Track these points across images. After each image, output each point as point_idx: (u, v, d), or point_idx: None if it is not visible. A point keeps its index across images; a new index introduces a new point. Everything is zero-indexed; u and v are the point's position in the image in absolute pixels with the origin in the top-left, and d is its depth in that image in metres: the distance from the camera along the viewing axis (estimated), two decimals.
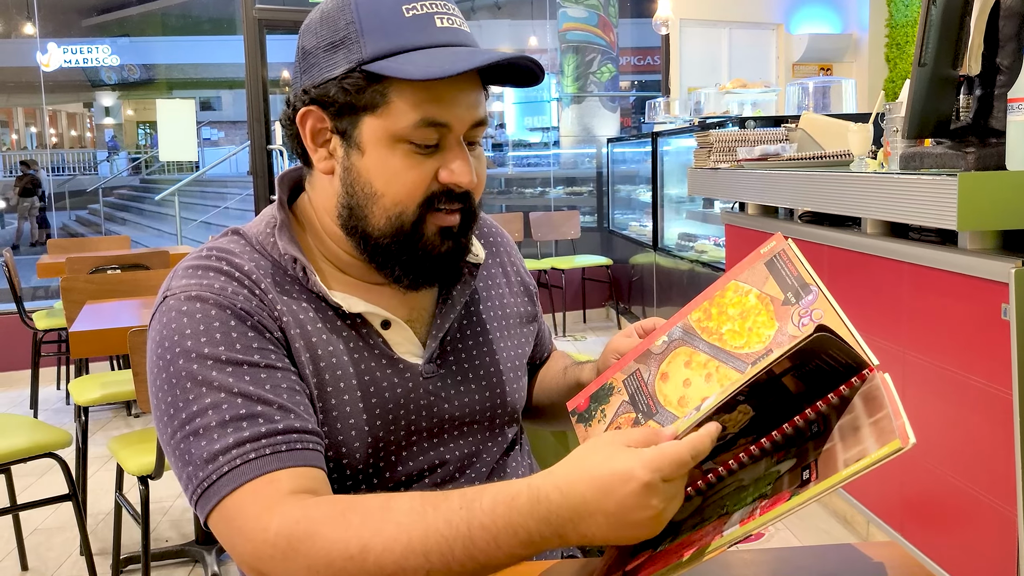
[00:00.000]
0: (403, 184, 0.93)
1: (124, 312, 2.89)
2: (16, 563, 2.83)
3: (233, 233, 1.02)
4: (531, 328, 1.20)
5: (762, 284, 0.90)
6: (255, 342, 0.90)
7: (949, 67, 2.04)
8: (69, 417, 4.48)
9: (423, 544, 0.76)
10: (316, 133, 0.97)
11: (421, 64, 0.89)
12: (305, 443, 0.87)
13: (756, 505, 0.73)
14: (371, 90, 0.91)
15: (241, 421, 0.84)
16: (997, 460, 1.95)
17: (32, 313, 4.56)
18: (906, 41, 6.64)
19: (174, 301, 0.91)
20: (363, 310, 0.99)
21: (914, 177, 2.08)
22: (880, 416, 0.71)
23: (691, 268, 4.93)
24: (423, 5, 0.92)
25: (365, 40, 0.91)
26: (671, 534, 0.80)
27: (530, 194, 7.96)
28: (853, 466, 0.67)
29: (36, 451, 2.36)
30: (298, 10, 6.23)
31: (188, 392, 0.86)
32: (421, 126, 0.91)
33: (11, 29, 7.90)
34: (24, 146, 16.31)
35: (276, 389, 0.88)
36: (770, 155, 3.22)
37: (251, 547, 0.80)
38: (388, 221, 0.95)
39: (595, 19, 7.82)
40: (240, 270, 0.95)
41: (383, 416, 0.98)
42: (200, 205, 12.59)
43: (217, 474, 0.83)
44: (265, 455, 0.83)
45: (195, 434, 0.84)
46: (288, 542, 0.78)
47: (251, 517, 0.80)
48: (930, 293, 2.19)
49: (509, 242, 1.24)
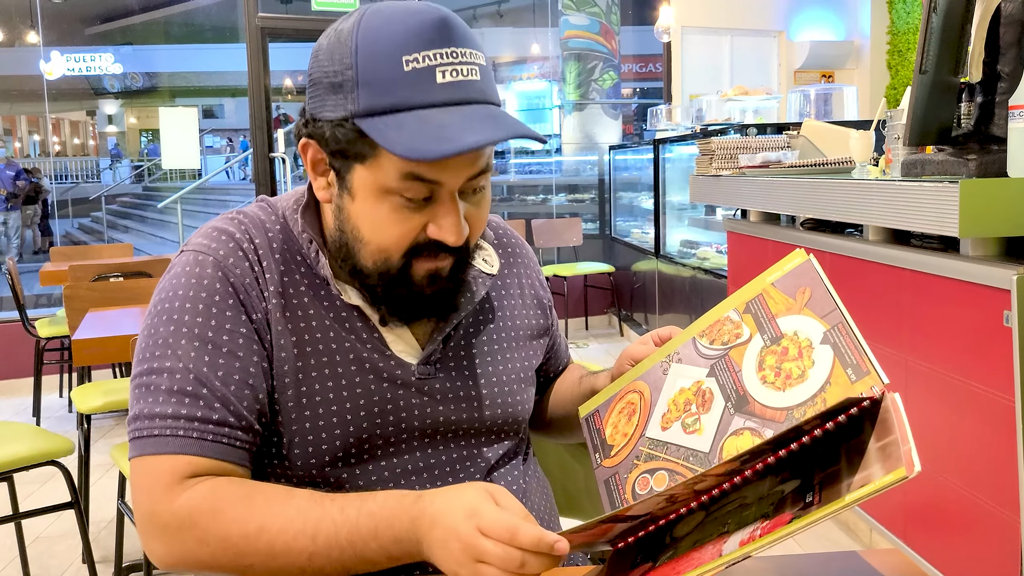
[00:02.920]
0: (388, 236, 0.93)
1: (127, 320, 2.90)
2: (18, 571, 2.82)
3: (263, 201, 1.06)
4: (541, 341, 1.19)
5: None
6: (229, 322, 0.95)
7: (950, 74, 2.05)
8: (71, 425, 4.48)
9: (315, 527, 0.85)
10: (316, 163, 0.97)
11: (408, 134, 0.85)
12: (232, 439, 0.92)
13: (757, 526, 0.72)
14: (361, 142, 0.89)
15: (184, 397, 0.91)
16: (1000, 467, 1.94)
17: (35, 321, 4.56)
18: (907, 48, 6.65)
19: (186, 256, 0.99)
20: (362, 303, 1.00)
21: (916, 184, 2.08)
22: (888, 441, 0.70)
23: (693, 275, 4.93)
24: (426, 56, 0.87)
25: (359, 92, 0.88)
26: (671, 549, 0.79)
27: (532, 201, 7.96)
28: (857, 492, 0.67)
29: (38, 459, 2.36)
30: (300, 18, 6.24)
31: (156, 348, 0.94)
32: (409, 180, 0.89)
33: (15, 38, 7.93)
34: (27, 154, 16.35)
35: (226, 378, 0.93)
36: (772, 162, 3.22)
37: (152, 509, 0.88)
38: (375, 265, 0.96)
39: (597, 27, 7.84)
40: (252, 241, 0.99)
41: (368, 407, 0.98)
42: (203, 213, 12.62)
43: (147, 432, 0.91)
44: (191, 437, 0.90)
45: (147, 387, 0.93)
46: (189, 515, 0.87)
47: (161, 486, 0.89)
48: (932, 300, 2.18)
49: (528, 254, 1.23)
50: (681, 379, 0.98)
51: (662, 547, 0.78)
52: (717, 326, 0.98)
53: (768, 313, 0.94)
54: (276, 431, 0.97)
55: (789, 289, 0.93)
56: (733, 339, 0.95)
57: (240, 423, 0.93)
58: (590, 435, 1.07)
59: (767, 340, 0.92)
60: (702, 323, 1.00)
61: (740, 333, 0.95)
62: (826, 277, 0.89)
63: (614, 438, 1.02)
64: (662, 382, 1.00)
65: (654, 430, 0.98)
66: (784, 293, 0.93)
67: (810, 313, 0.90)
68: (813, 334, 0.88)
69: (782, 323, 0.92)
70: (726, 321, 0.97)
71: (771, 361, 0.91)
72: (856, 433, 0.74)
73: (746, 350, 0.93)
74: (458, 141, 0.84)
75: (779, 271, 0.95)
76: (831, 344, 0.87)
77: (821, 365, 0.86)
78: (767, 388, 0.90)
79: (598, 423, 1.06)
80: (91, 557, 2.50)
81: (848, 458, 0.72)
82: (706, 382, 0.95)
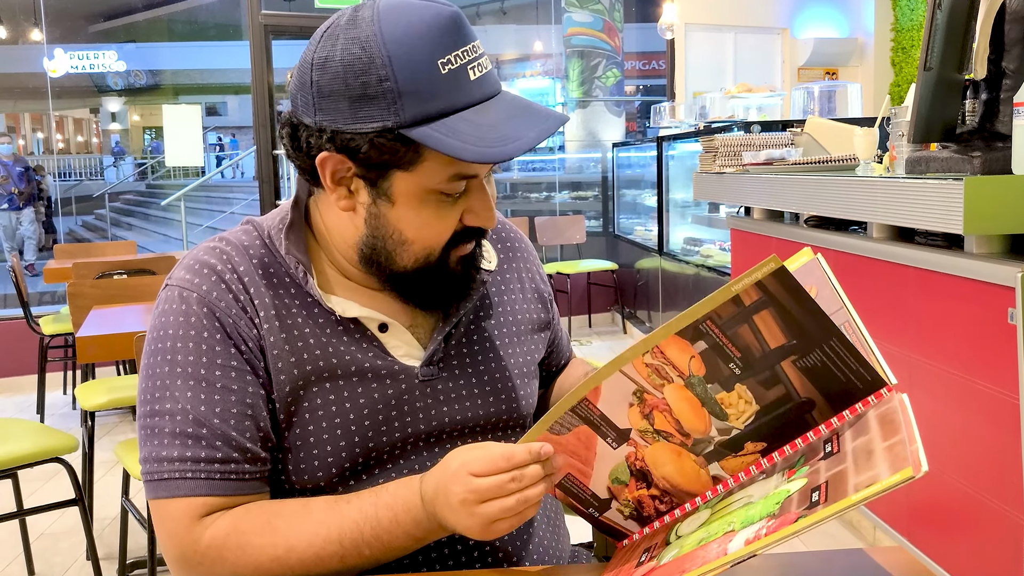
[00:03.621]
0: (434, 232, 0.95)
1: (130, 317, 2.90)
2: (23, 568, 2.83)
3: (248, 223, 1.06)
4: (543, 335, 1.19)
5: None
6: (220, 357, 0.95)
7: (955, 71, 2.04)
8: (75, 422, 4.49)
9: (339, 532, 0.90)
10: (336, 175, 0.94)
11: (464, 137, 0.87)
12: (240, 474, 0.94)
13: (763, 524, 0.72)
14: (404, 150, 0.89)
15: (187, 439, 0.93)
16: (1004, 465, 1.94)
17: (39, 318, 4.57)
18: (912, 45, 6.63)
19: (169, 293, 0.99)
20: (358, 314, 1.00)
21: (920, 181, 2.07)
22: (895, 441, 0.70)
23: (697, 272, 4.93)
24: (456, 57, 0.88)
25: (403, 103, 0.87)
26: (676, 547, 0.79)
27: (535, 199, 7.96)
28: (863, 491, 0.66)
29: (43, 456, 2.36)
30: (304, 16, 6.24)
31: (155, 390, 0.95)
32: (454, 180, 0.92)
33: (18, 35, 7.94)
34: (31, 151, 16.35)
35: (224, 414, 0.94)
36: (775, 159, 3.22)
37: (179, 551, 0.92)
38: (415, 262, 0.97)
39: (600, 24, 7.83)
40: (235, 271, 0.98)
41: (373, 417, 0.98)
42: (206, 210, 12.62)
43: (158, 475, 0.93)
44: (199, 479, 0.92)
45: (152, 429, 0.94)
46: (219, 553, 0.91)
47: (182, 528, 0.92)
48: (936, 297, 2.18)
49: (527, 247, 1.23)
50: None
51: (666, 545, 0.77)
52: None
53: None
54: (284, 449, 0.98)
55: None
56: None
57: (245, 456, 0.94)
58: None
59: None
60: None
61: None
62: (833, 275, 0.89)
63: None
64: None
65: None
66: None
67: None
68: None
69: None
70: None
71: None
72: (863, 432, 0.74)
73: None
74: (521, 139, 0.88)
75: None
76: None
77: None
78: None
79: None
80: (95, 554, 2.51)
81: (855, 458, 0.72)
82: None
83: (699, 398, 0.82)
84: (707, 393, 0.82)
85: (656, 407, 0.84)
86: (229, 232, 1.04)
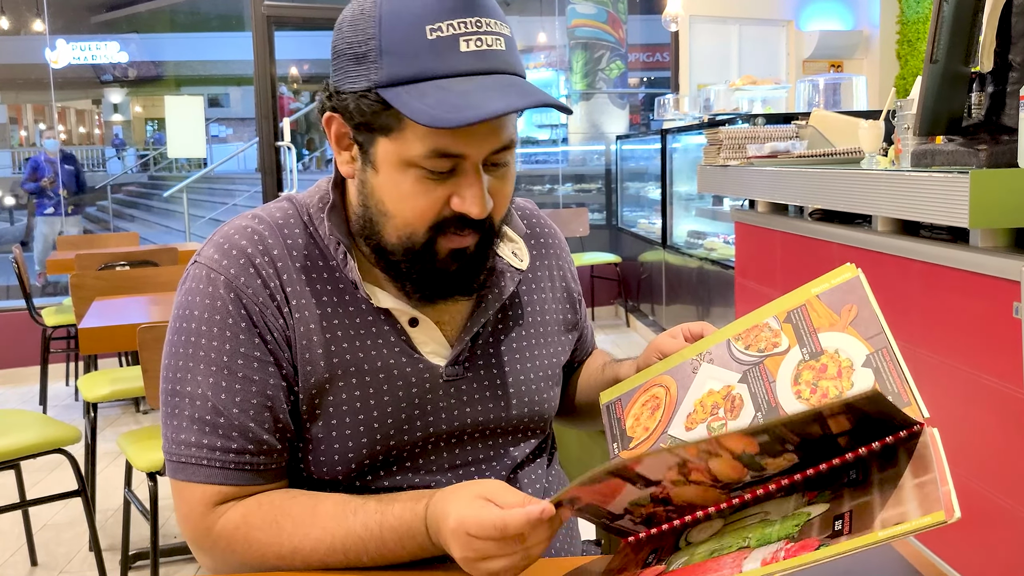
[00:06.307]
0: (412, 208, 0.92)
1: (133, 308, 2.90)
2: (25, 559, 2.84)
3: (286, 199, 1.03)
4: (570, 336, 1.17)
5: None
6: (244, 346, 0.94)
7: (961, 64, 2.03)
8: (78, 413, 4.50)
9: (343, 544, 0.90)
10: (339, 137, 0.95)
11: (431, 103, 0.84)
12: (254, 465, 0.95)
13: (781, 546, 0.69)
14: (385, 114, 0.88)
15: (204, 426, 0.94)
16: (1010, 460, 1.93)
17: (41, 309, 4.57)
18: (918, 38, 6.60)
19: (197, 271, 0.97)
20: (391, 306, 0.98)
21: (925, 174, 2.06)
22: (926, 479, 0.66)
23: (700, 266, 4.92)
24: (449, 26, 0.85)
25: (382, 61, 0.86)
26: (686, 554, 0.77)
27: (538, 191, 7.95)
28: (891, 529, 0.63)
29: (45, 447, 2.37)
30: (306, 7, 6.22)
31: (178, 371, 0.96)
32: (432, 156, 0.88)
33: (20, 26, 7.93)
34: (33, 143, 16.35)
35: (243, 404, 0.94)
36: (780, 152, 3.21)
37: (193, 535, 0.95)
38: (399, 240, 0.94)
39: (604, 16, 7.81)
40: (268, 253, 0.96)
41: (396, 416, 0.98)
42: (208, 202, 12.62)
43: (177, 458, 0.94)
44: (215, 467, 0.93)
45: (173, 408, 0.95)
46: (228, 543, 0.93)
47: (196, 514, 0.94)
48: (941, 291, 2.17)
49: (561, 244, 1.20)
50: (711, 381, 0.96)
51: (676, 550, 0.76)
52: (755, 331, 0.95)
53: (810, 326, 0.91)
54: (305, 440, 0.97)
55: (835, 304, 0.90)
56: (770, 347, 0.92)
57: (261, 448, 0.95)
58: (610, 423, 1.05)
59: (806, 354, 0.89)
60: (739, 326, 0.97)
61: (778, 342, 0.92)
62: (873, 297, 0.87)
63: (634, 430, 1.00)
64: (690, 380, 0.98)
65: (677, 428, 0.95)
66: (829, 307, 0.90)
67: (854, 333, 0.87)
68: (855, 355, 0.85)
69: (823, 339, 0.89)
70: (764, 327, 0.94)
71: (808, 376, 0.88)
72: (890, 463, 0.71)
73: (783, 361, 0.90)
74: (480, 108, 0.83)
75: (826, 283, 0.92)
76: (873, 368, 0.83)
77: (860, 389, 0.82)
78: (801, 404, 0.87)
79: (619, 412, 1.04)
80: (98, 545, 2.51)
81: (881, 491, 0.69)
82: (737, 388, 0.93)
83: (743, 464, 0.77)
84: (753, 461, 0.77)
85: (696, 469, 0.79)
86: (265, 209, 1.02)
